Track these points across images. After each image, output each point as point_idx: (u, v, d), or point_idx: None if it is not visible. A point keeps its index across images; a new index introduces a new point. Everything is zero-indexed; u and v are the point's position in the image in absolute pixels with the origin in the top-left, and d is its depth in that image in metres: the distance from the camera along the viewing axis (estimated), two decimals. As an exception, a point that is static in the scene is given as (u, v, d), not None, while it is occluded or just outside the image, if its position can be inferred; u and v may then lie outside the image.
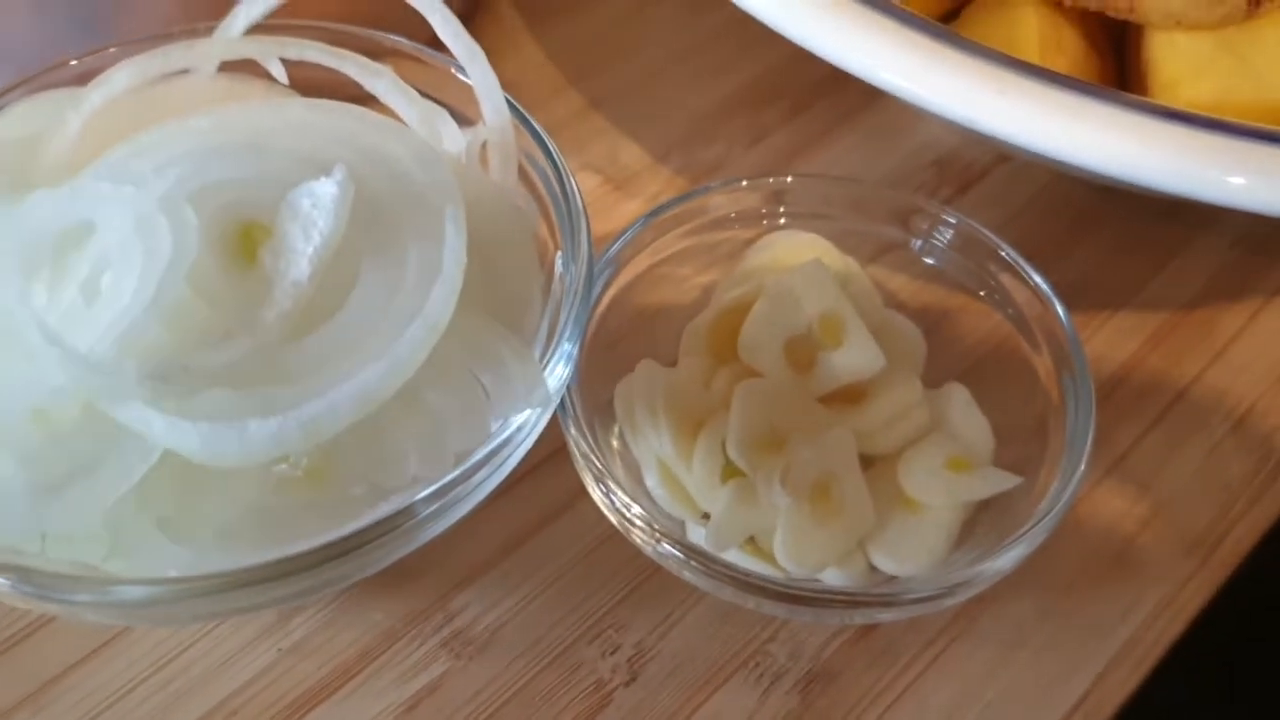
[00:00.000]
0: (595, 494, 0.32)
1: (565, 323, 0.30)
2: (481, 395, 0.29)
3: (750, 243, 0.38)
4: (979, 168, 0.47)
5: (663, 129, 0.48)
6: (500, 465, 0.28)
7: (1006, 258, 0.36)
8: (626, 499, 0.31)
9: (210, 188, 0.29)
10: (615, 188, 0.46)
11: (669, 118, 0.48)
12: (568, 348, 0.30)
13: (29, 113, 0.35)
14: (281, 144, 0.30)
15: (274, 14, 0.35)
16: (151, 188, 0.28)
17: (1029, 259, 0.36)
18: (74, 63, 0.36)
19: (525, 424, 0.28)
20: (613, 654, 0.34)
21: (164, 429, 0.26)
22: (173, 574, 0.28)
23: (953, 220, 0.37)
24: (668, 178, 0.46)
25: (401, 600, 0.35)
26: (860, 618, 0.31)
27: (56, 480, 0.27)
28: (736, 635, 0.34)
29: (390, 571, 0.34)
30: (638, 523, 0.30)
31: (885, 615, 0.30)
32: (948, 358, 0.37)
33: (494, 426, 0.29)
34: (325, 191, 0.28)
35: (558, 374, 0.29)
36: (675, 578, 0.32)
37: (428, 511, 0.27)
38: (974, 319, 0.38)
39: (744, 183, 0.37)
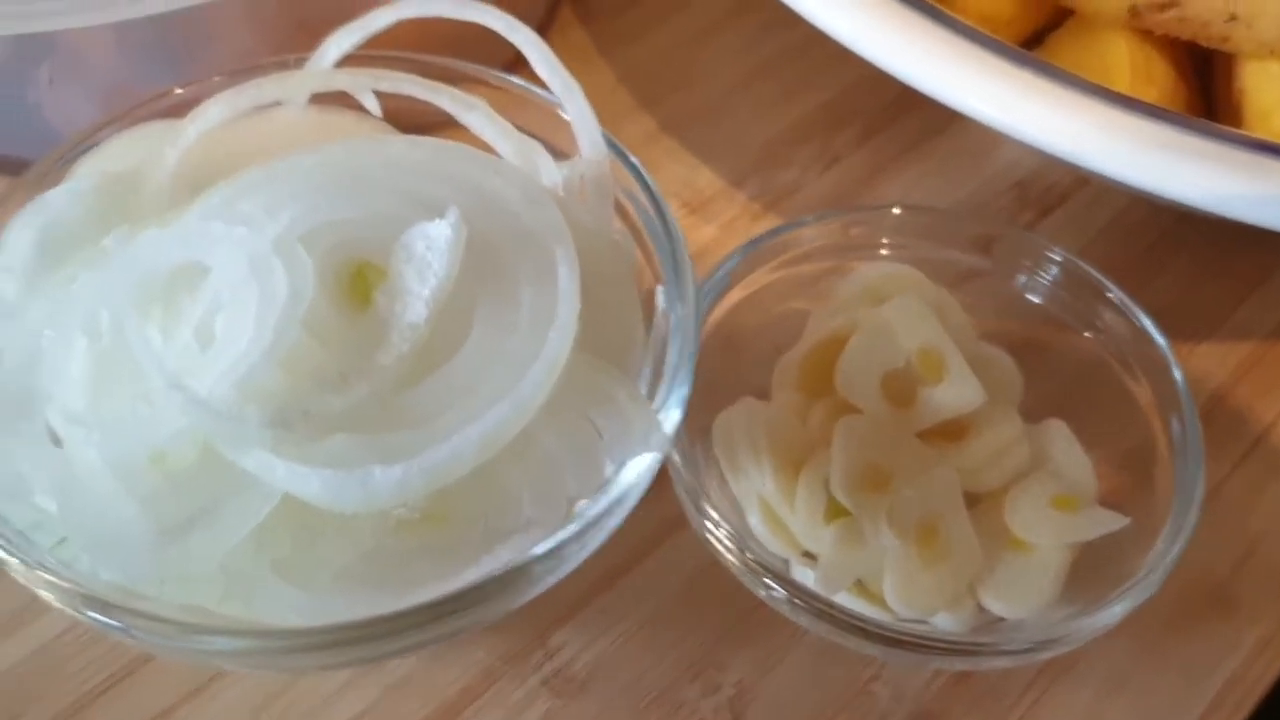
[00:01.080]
0: (710, 538, 0.31)
1: (677, 364, 0.30)
2: (596, 438, 0.29)
3: (841, 275, 0.38)
4: (1059, 191, 0.47)
5: (736, 153, 0.48)
6: (617, 509, 0.28)
7: (1100, 285, 0.36)
8: (737, 540, 0.30)
9: (321, 228, 0.28)
10: (691, 212, 0.46)
11: (741, 141, 0.48)
12: (683, 391, 0.29)
13: (127, 147, 0.35)
14: (389, 183, 0.30)
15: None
16: (264, 229, 0.28)
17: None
18: (177, 91, 0.35)
19: (642, 467, 0.28)
20: (714, 693, 0.34)
21: (286, 475, 0.26)
22: (291, 618, 0.28)
23: (1042, 248, 0.37)
24: (744, 203, 0.46)
25: (501, 637, 0.35)
26: (969, 664, 0.31)
27: (178, 523, 0.27)
28: (839, 675, 0.34)
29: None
30: (751, 564, 0.30)
31: (996, 663, 0.30)
32: (1041, 389, 0.37)
33: (609, 470, 0.28)
34: (439, 234, 0.28)
35: (673, 417, 0.29)
36: (774, 614, 0.32)
37: (545, 559, 0.27)
38: (1066, 348, 0.38)
39: (836, 215, 0.37)
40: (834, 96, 0.50)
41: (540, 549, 0.27)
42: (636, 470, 0.28)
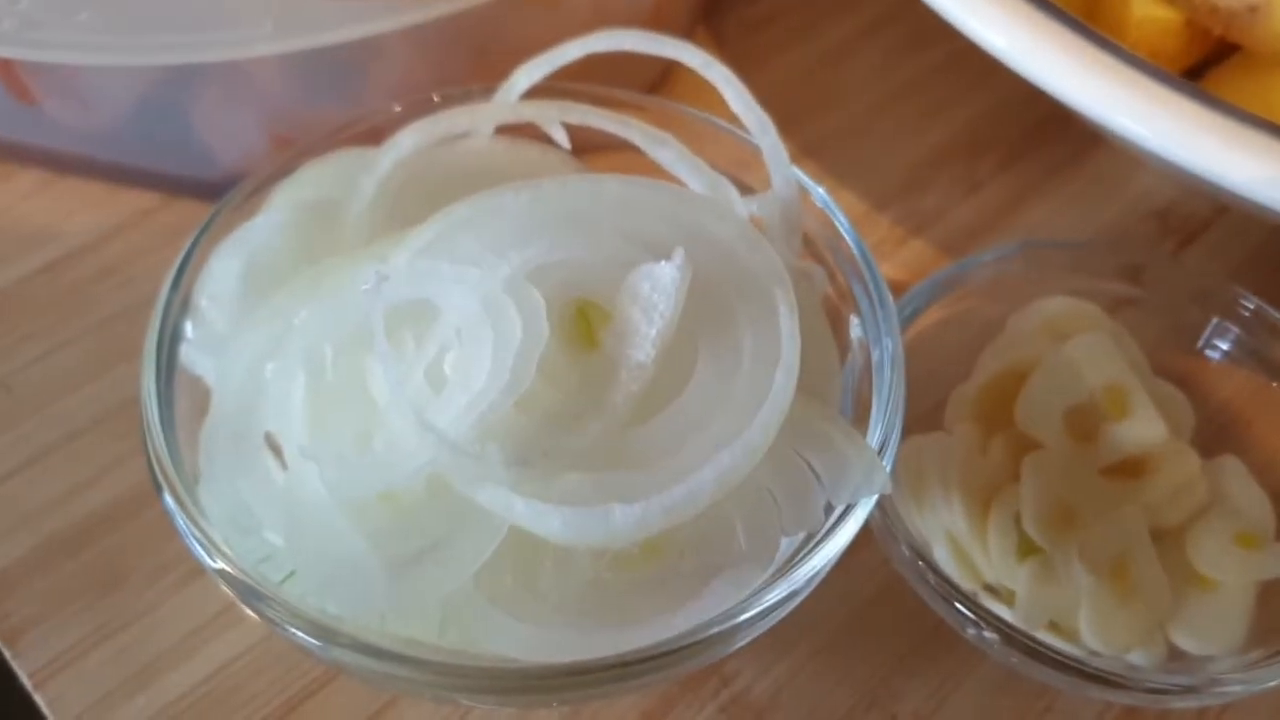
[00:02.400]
0: (910, 565, 0.32)
1: (891, 400, 0.30)
2: (809, 474, 0.29)
3: (1011, 309, 0.38)
4: (1199, 219, 0.47)
5: (877, 176, 0.48)
6: (833, 549, 0.29)
7: (1265, 313, 0.36)
8: (938, 575, 0.31)
9: (546, 268, 0.29)
10: (834, 237, 0.46)
11: (881, 164, 0.49)
12: (897, 426, 0.30)
13: (319, 174, 0.36)
14: (608, 222, 0.30)
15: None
16: (495, 269, 0.29)
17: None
18: (362, 120, 0.36)
19: (868, 505, 0.29)
20: (890, 722, 0.35)
21: (526, 512, 0.27)
22: (512, 650, 0.28)
23: (1199, 277, 0.37)
24: (887, 227, 0.47)
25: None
26: (1160, 703, 0.31)
27: (406, 558, 0.28)
28: (1012, 707, 0.35)
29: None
30: (957, 604, 0.31)
31: (1189, 703, 0.31)
32: (1211, 423, 0.37)
33: (827, 509, 0.29)
34: (666, 274, 0.28)
35: (890, 455, 0.29)
36: (946, 644, 0.32)
37: (773, 608, 0.28)
38: (1228, 378, 0.38)
39: (1007, 248, 0.38)
40: (973, 119, 0.50)
41: (771, 597, 0.27)
42: (863, 508, 0.28)
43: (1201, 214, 0.47)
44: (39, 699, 0.34)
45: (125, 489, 0.38)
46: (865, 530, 0.33)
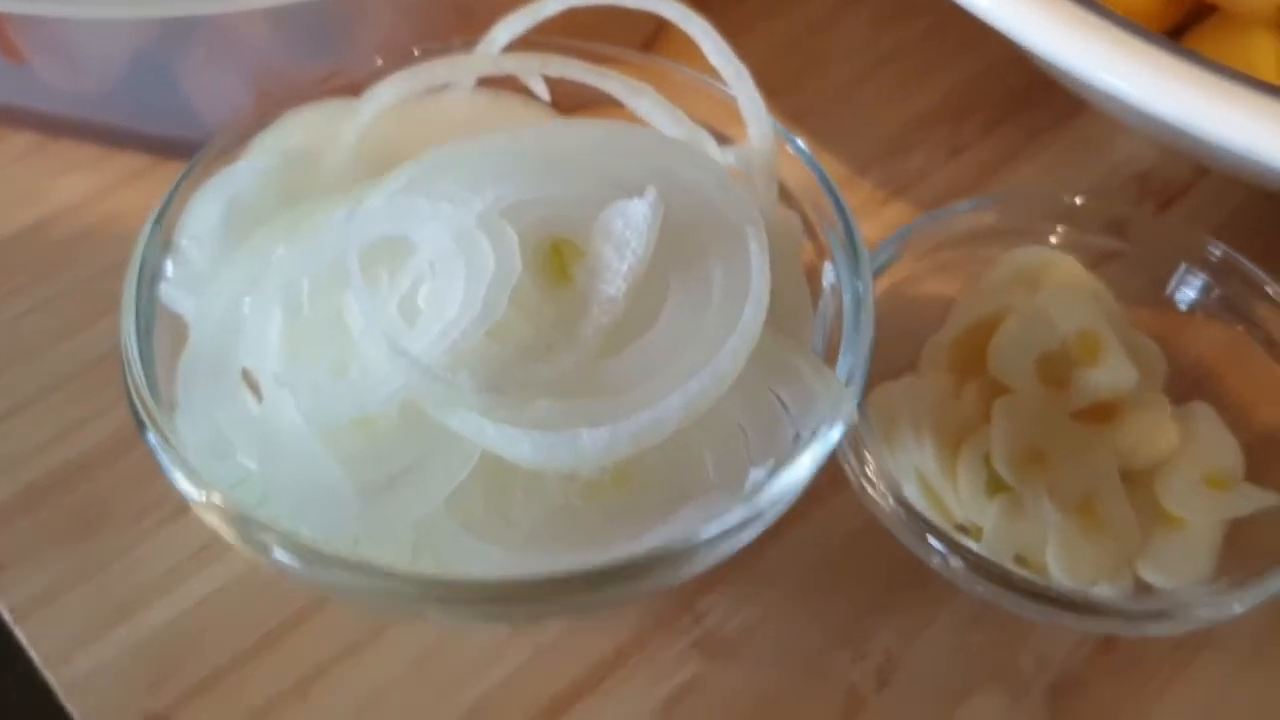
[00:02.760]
0: (879, 501, 0.32)
1: (858, 336, 0.30)
2: (779, 408, 0.30)
3: (988, 260, 0.38)
4: (1180, 183, 0.47)
5: (859, 142, 0.49)
6: (797, 474, 0.29)
7: (1243, 268, 0.37)
8: (903, 502, 0.31)
9: (521, 206, 0.30)
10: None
11: (864, 130, 0.49)
12: (865, 361, 0.30)
13: (302, 124, 0.36)
14: (584, 163, 0.31)
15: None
16: (469, 205, 0.29)
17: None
18: (344, 73, 0.36)
19: (834, 436, 0.29)
20: (861, 661, 0.35)
21: (496, 437, 0.27)
22: (480, 574, 0.29)
23: (1179, 232, 0.38)
24: (870, 190, 0.47)
25: (650, 602, 0.36)
26: (1131, 629, 0.31)
27: (379, 483, 0.29)
28: (984, 643, 0.35)
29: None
30: (928, 536, 0.31)
31: (1155, 629, 0.31)
32: (1182, 373, 0.38)
33: (794, 440, 0.29)
34: (638, 212, 0.29)
35: (857, 387, 0.30)
36: (918, 584, 0.33)
37: (732, 531, 0.28)
38: (1205, 330, 0.38)
39: (982, 201, 0.38)
40: (957, 85, 0.50)
41: (732, 518, 0.28)
42: (827, 439, 0.29)
43: (1182, 178, 0.48)
44: (19, 633, 0.35)
45: (104, 438, 0.39)
46: (839, 475, 0.34)
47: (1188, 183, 0.47)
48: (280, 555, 0.27)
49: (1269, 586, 0.30)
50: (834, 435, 0.29)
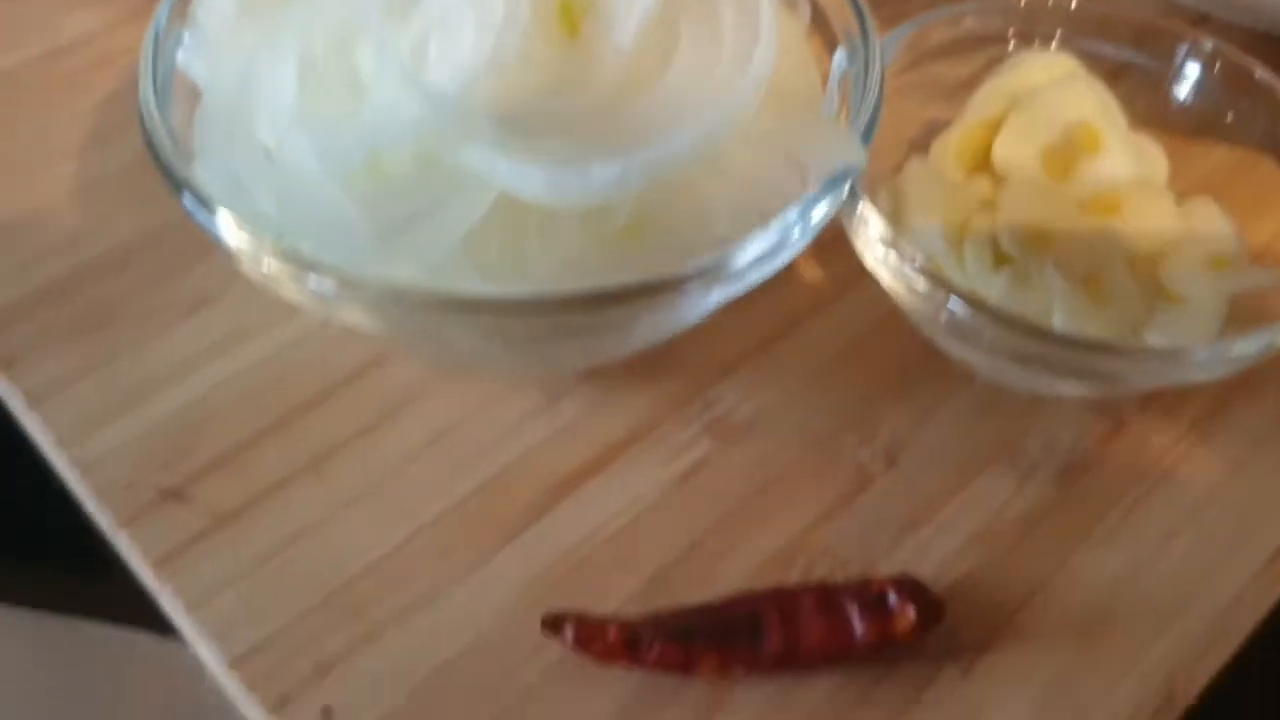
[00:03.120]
0: (885, 260, 0.32)
1: (863, 93, 0.31)
2: (793, 164, 0.30)
3: (995, 63, 0.39)
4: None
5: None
6: (809, 226, 0.29)
7: (1258, 78, 0.37)
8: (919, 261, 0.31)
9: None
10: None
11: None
12: (873, 117, 0.30)
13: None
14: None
15: None
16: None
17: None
18: None
19: (837, 184, 0.29)
20: (870, 442, 0.35)
21: (508, 171, 0.28)
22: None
23: (1200, 42, 0.38)
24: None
25: (662, 389, 0.36)
26: (1140, 374, 0.32)
27: (397, 224, 0.29)
28: (992, 429, 0.36)
29: (649, 362, 0.36)
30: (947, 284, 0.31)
31: (1165, 373, 0.31)
32: (1191, 177, 0.38)
33: (804, 189, 0.30)
34: (646, -38, 0.29)
35: (866, 137, 0.30)
36: (931, 370, 0.33)
37: (746, 262, 0.28)
38: (1217, 139, 0.38)
39: (987, 4, 0.38)
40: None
41: (736, 257, 0.28)
42: (838, 186, 0.29)
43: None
44: (32, 419, 0.35)
45: (113, 246, 0.39)
46: (858, 270, 0.34)
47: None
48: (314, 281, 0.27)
49: (1266, 336, 0.30)
50: (845, 184, 0.29)
